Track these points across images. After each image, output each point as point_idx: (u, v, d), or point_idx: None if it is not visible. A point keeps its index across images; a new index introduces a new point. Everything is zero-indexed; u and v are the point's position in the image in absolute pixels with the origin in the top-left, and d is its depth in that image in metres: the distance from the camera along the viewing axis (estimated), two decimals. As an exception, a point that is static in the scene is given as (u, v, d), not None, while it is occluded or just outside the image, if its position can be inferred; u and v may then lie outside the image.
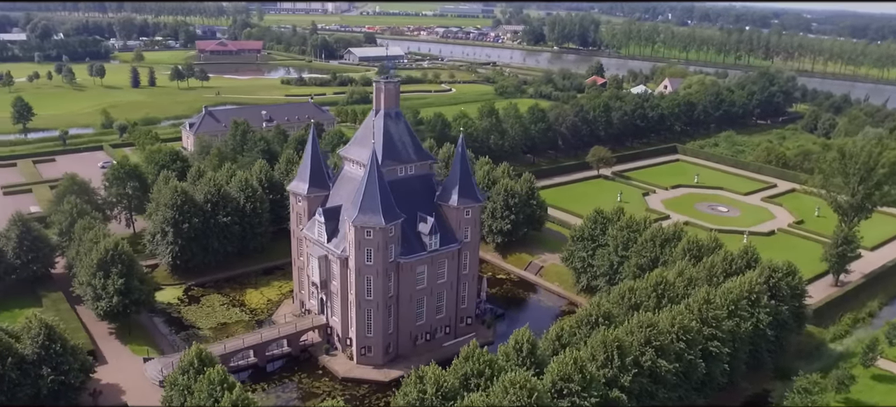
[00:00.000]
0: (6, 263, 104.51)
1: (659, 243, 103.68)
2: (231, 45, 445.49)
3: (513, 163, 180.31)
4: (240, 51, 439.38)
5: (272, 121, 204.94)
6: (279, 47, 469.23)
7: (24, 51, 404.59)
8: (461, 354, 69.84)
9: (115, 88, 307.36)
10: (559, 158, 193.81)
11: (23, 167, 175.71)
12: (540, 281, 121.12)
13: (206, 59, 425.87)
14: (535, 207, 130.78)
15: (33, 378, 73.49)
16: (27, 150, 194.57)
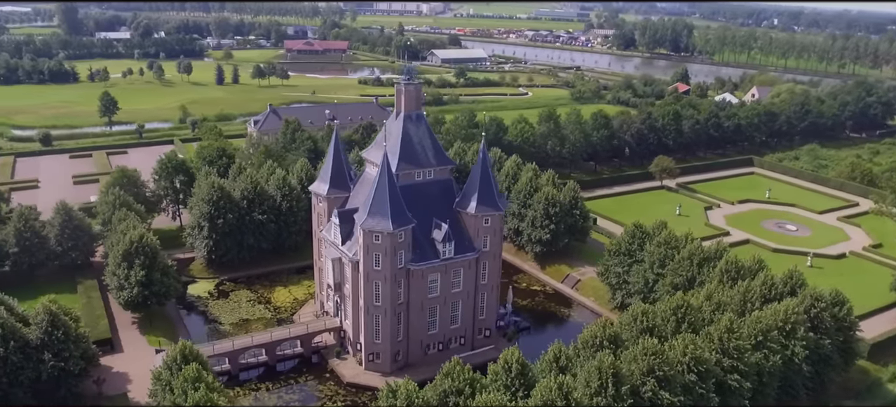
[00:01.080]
0: (48, 250, 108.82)
1: (697, 263, 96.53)
2: (317, 45, 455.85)
3: (573, 170, 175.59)
4: (326, 50, 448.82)
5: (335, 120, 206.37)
6: (364, 48, 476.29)
7: (126, 48, 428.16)
8: (443, 369, 66.45)
9: (201, 85, 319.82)
10: (623, 167, 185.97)
11: (97, 158, 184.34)
12: (575, 295, 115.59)
13: (292, 58, 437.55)
14: (579, 217, 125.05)
15: (35, 362, 75.34)
16: (105, 142, 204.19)
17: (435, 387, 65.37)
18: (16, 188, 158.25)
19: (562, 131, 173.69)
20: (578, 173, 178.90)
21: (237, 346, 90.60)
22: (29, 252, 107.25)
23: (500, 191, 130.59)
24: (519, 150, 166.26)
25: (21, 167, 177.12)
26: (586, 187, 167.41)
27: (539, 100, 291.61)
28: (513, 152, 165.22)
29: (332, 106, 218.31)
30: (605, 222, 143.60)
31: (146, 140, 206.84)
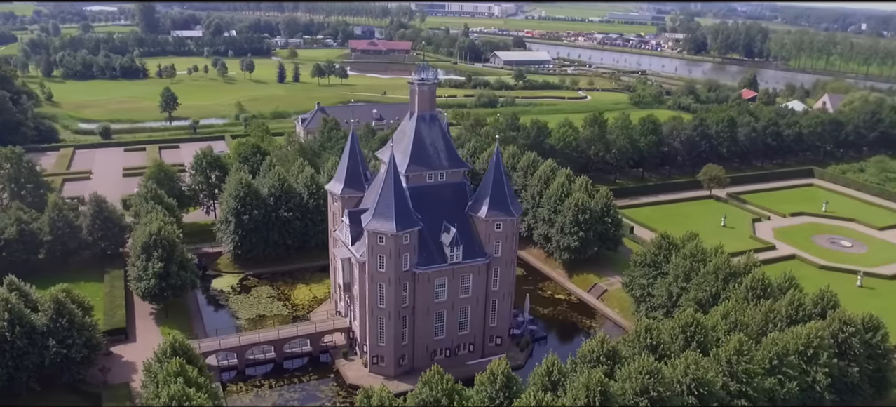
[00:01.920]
0: (79, 239, 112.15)
1: (722, 278, 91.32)
2: (381, 45, 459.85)
3: (619, 176, 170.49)
4: (389, 51, 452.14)
5: (383, 119, 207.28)
6: (429, 49, 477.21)
7: (197, 46, 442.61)
8: (423, 378, 64.44)
9: (262, 82, 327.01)
10: (672, 175, 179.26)
11: (149, 152, 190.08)
12: (600, 306, 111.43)
13: (356, 57, 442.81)
14: (610, 225, 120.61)
15: (40, 348, 77.26)
16: (161, 136, 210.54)
17: (415, 396, 63.48)
18: (69, 179, 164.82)
19: (607, 136, 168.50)
20: (624, 180, 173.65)
21: (243, 342, 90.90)
22: (61, 241, 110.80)
23: (532, 196, 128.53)
24: (561, 155, 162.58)
25: (78, 159, 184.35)
26: (630, 195, 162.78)
27: (597, 104, 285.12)
28: (555, 157, 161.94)
29: (379, 105, 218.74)
30: (643, 231, 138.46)
31: (199, 135, 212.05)
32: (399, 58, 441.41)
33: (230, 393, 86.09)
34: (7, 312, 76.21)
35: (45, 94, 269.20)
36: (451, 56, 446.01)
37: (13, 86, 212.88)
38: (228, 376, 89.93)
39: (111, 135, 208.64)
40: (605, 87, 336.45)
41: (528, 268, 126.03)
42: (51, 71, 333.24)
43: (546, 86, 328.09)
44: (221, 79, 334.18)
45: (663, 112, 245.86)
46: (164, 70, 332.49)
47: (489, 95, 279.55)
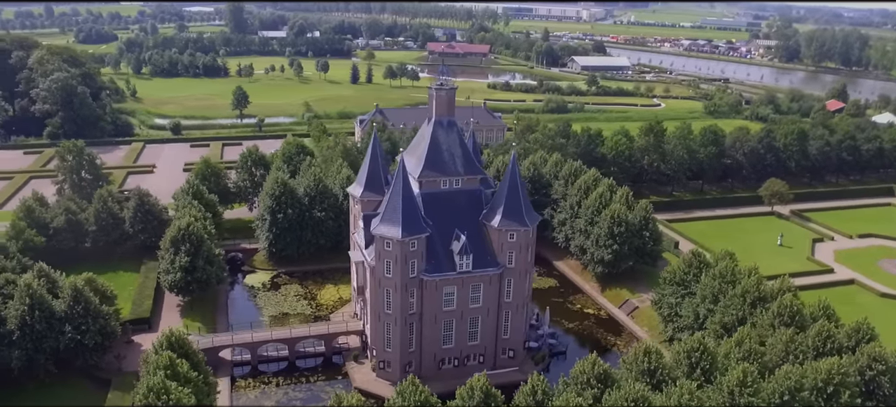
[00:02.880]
0: (122, 231, 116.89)
1: (749, 302, 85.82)
2: (459, 48, 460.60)
3: (676, 188, 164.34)
4: (466, 54, 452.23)
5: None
6: (507, 53, 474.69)
7: (280, 46, 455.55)
8: (397, 389, 63.27)
9: (336, 83, 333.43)
10: (734, 188, 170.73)
11: (213, 148, 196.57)
12: (629, 323, 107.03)
13: (433, 60, 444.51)
14: (648, 239, 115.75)
15: (57, 333, 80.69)
16: (228, 133, 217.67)
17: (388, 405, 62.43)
18: (134, 172, 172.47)
19: (664, 146, 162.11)
20: (681, 192, 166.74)
21: (256, 338, 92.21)
22: (105, 231, 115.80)
23: (571, 206, 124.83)
24: (613, 164, 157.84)
25: (147, 153, 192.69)
26: (684, 208, 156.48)
27: (670, 112, 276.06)
28: (606, 166, 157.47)
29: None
30: (690, 247, 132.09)
31: (264, 133, 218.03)
32: (476, 61, 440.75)
33: (238, 388, 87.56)
34: (28, 297, 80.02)
35: (130, 90, 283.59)
36: (528, 60, 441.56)
37: (95, 82, 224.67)
38: (242, 372, 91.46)
39: (181, 131, 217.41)
40: (683, 94, 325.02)
41: (563, 280, 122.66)
42: (140, 68, 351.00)
43: (620, 93, 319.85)
44: (297, 78, 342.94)
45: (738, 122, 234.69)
46: (244, 69, 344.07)
47: (558, 101, 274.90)
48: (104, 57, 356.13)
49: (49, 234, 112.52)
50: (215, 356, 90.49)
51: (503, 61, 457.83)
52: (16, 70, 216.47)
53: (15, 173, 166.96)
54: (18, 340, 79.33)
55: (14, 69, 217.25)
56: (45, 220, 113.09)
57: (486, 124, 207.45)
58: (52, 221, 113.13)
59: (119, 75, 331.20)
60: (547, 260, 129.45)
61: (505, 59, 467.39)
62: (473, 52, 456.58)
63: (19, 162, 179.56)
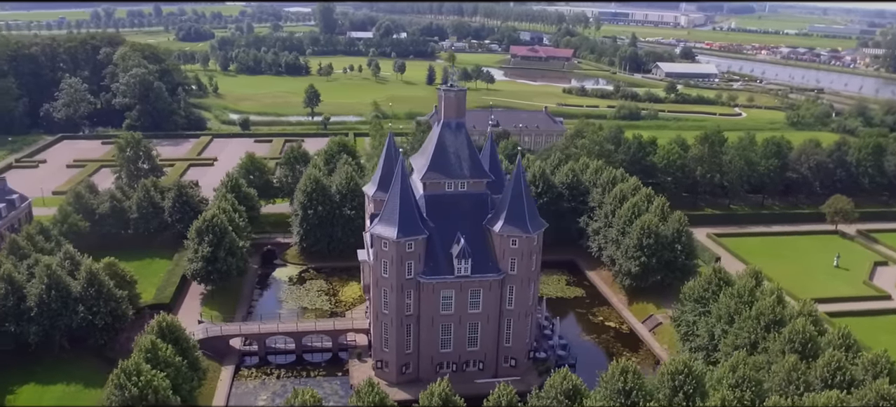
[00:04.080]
0: (161, 220, 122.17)
1: (763, 325, 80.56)
2: (541, 51, 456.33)
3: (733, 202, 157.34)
4: (549, 58, 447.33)
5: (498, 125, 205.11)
6: (591, 58, 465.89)
7: (365, 47, 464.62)
8: (356, 388, 63.04)
9: (411, 84, 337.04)
10: (800, 204, 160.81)
11: (275, 144, 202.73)
12: (649, 339, 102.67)
13: (515, 63, 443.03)
14: (680, 253, 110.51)
15: (70, 312, 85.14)
16: (292, 130, 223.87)
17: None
18: (195, 164, 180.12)
19: (721, 156, 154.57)
20: (739, 206, 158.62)
21: (262, 330, 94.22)
22: (146, 220, 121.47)
23: (606, 215, 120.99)
24: (664, 174, 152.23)
25: (213, 146, 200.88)
26: (739, 222, 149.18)
27: (749, 122, 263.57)
28: (656, 176, 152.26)
29: (498, 111, 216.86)
30: (735, 263, 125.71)
31: (329, 131, 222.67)
32: (558, 65, 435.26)
33: (241, 377, 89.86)
34: (47, 277, 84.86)
35: (212, 86, 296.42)
36: (611, 66, 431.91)
37: (172, 78, 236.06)
38: (251, 361, 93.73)
39: (249, 126, 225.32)
40: (768, 104, 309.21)
41: (592, 290, 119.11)
42: (227, 65, 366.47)
43: (699, 101, 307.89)
44: (374, 79, 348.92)
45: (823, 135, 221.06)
46: (324, 68, 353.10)
47: (630, 107, 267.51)
48: (194, 54, 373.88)
49: (95, 219, 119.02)
50: (224, 345, 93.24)
51: (586, 66, 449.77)
52: (103, 65, 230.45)
53: (88, 161, 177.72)
54: (36, 317, 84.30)
55: (102, 64, 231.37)
56: (92, 206, 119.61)
57: (545, 129, 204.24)
58: (98, 207, 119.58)
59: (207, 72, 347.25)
60: (580, 269, 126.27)
61: (588, 64, 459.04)
62: (556, 56, 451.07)
63: (96, 151, 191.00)
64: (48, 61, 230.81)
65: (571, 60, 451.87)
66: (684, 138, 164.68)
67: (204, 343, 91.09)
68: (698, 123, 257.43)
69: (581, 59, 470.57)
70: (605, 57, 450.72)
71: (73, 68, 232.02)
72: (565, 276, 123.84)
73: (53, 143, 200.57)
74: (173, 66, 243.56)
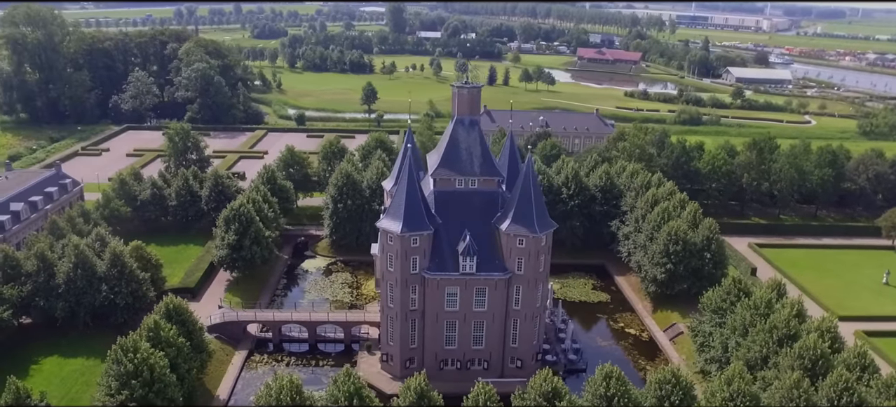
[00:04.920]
0: (198, 208, 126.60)
1: (776, 339, 77.29)
2: (608, 54, 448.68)
3: (783, 212, 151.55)
4: (616, 61, 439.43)
5: (547, 127, 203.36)
6: (660, 61, 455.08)
7: (432, 46, 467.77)
8: (333, 377, 63.83)
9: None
10: (854, 217, 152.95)
11: (326, 139, 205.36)
12: (668, 348, 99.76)
13: (581, 65, 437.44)
14: (708, 262, 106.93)
15: (94, 291, 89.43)
16: (346, 126, 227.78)
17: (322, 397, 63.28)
18: (245, 156, 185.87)
19: (771, 164, 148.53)
20: (789, 216, 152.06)
21: (277, 318, 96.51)
22: (184, 207, 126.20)
23: (636, 220, 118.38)
24: (709, 181, 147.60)
25: (267, 140, 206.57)
26: (786, 233, 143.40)
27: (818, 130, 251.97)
28: (701, 183, 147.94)
29: (547, 113, 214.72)
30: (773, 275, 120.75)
31: (382, 128, 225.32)
32: (625, 68, 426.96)
33: (251, 362, 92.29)
34: (75, 256, 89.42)
35: (275, 82, 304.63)
36: (680, 70, 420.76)
37: (233, 74, 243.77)
38: (265, 348, 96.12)
39: (305, 121, 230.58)
40: (842, 112, 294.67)
41: (617, 296, 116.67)
42: (295, 62, 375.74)
43: (767, 107, 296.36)
44: (434, 78, 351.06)
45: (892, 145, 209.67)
46: (387, 67, 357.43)
47: (691, 112, 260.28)
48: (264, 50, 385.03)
49: (136, 205, 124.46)
50: (240, 330, 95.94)
51: (654, 70, 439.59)
52: (169, 60, 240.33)
53: (146, 151, 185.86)
54: (63, 293, 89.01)
55: (169, 59, 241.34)
56: (135, 192, 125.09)
57: (595, 132, 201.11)
58: (140, 194, 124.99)
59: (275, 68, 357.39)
60: (609, 274, 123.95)
61: (656, 67, 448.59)
62: (623, 59, 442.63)
63: (156, 141, 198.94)
64: (120, 55, 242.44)
65: (639, 64, 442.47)
66: (733, 144, 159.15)
67: (219, 327, 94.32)
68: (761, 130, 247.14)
69: (649, 63, 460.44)
70: (675, 61, 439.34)
71: (143, 63, 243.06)
72: (593, 280, 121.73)
73: (119, 132, 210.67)
74: (235, 61, 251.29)
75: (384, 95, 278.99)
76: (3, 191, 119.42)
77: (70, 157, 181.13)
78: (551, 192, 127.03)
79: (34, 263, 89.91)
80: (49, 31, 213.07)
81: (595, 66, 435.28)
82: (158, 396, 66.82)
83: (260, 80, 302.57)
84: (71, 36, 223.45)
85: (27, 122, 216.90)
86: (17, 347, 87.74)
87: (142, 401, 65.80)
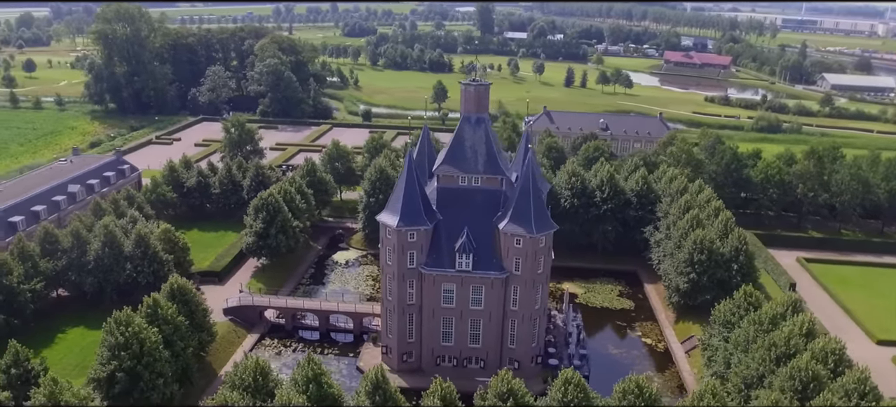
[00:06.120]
0: (239, 196, 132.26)
1: (774, 357, 73.49)
2: (696, 58, 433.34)
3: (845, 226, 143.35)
4: (704, 65, 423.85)
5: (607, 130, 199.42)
6: (752, 66, 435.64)
7: (517, 47, 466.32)
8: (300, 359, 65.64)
9: (548, 85, 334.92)
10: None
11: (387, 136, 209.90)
12: (681, 361, 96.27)
13: (668, 69, 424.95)
14: (736, 273, 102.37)
15: (120, 269, 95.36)
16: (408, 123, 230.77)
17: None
18: (304, 149, 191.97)
19: (831, 175, 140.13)
20: (852, 231, 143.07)
21: (290, 305, 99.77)
22: (226, 195, 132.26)
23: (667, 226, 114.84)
24: (762, 190, 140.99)
25: (330, 135, 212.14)
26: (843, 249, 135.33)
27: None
28: (754, 192, 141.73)
29: (610, 115, 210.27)
30: (817, 292, 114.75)
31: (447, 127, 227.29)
32: (713, 73, 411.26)
33: (261, 345, 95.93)
34: (104, 235, 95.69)
35: (353, 78, 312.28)
36: (772, 75, 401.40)
37: (306, 71, 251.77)
38: (277, 333, 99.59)
39: (371, 117, 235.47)
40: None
41: (642, 304, 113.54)
42: (377, 60, 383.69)
43: (858, 116, 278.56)
44: (512, 78, 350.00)
45: None
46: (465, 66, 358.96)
47: (769, 119, 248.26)
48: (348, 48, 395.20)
49: (183, 192, 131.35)
50: (255, 314, 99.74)
51: (744, 75, 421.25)
52: (246, 55, 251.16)
53: (213, 142, 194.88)
54: (93, 270, 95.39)
55: (246, 54, 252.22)
56: (182, 179, 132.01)
57: (657, 136, 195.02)
58: (186, 181, 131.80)
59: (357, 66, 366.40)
60: (639, 282, 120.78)
61: (746, 72, 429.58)
62: (711, 63, 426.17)
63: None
64: (203, 50, 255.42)
65: (728, 68, 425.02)
66: (793, 153, 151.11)
67: (235, 310, 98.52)
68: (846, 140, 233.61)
69: (740, 68, 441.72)
70: (767, 66, 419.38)
71: (224, 58, 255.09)
72: (621, 286, 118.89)
73: (193, 124, 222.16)
74: (308, 58, 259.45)
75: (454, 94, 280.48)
76: (65, 173, 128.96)
77: (144, 146, 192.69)
78: (585, 194, 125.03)
79: (69, 240, 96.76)
80: (136, 26, 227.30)
81: (682, 69, 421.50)
82: (147, 369, 70.71)
83: (338, 77, 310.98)
84: (156, 31, 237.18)
85: (114, 112, 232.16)
86: (50, 317, 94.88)
87: (130, 371, 69.88)
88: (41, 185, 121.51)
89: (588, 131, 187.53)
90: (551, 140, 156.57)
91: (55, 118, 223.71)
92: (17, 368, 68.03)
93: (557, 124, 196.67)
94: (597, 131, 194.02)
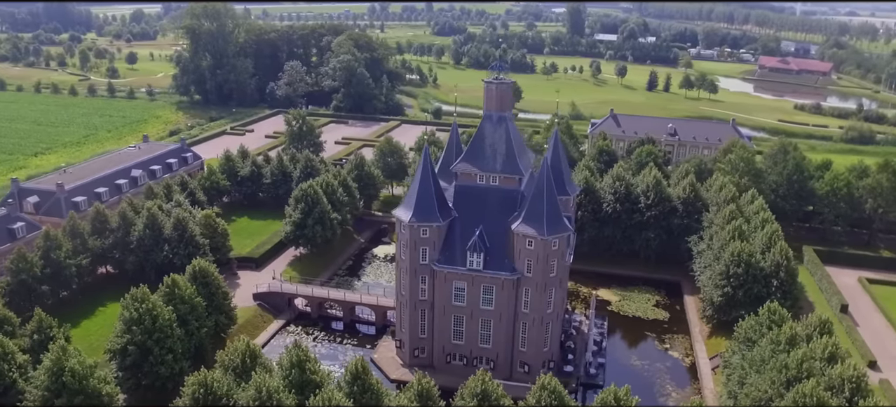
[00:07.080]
0: (288, 187, 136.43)
1: (784, 380, 69.67)
2: (793, 64, 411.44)
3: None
4: (801, 71, 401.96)
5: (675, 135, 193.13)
6: (856, 73, 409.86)
7: (607, 48, 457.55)
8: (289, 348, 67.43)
9: (629, 88, 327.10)
10: None
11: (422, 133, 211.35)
12: (707, 377, 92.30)
13: (762, 74, 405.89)
14: (776, 289, 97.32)
15: (158, 250, 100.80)
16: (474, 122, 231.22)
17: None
18: (368, 144, 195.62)
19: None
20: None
21: (316, 294, 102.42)
22: (276, 186, 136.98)
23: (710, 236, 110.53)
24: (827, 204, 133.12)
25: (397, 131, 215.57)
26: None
27: None
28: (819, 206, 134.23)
29: (676, 121, 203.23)
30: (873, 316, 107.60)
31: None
32: (810, 80, 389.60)
33: (284, 331, 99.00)
34: (147, 217, 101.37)
35: (431, 76, 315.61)
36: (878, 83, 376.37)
37: (381, 67, 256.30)
38: (302, 321, 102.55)
39: (440, 115, 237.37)
40: None
41: (678, 316, 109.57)
42: (460, 59, 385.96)
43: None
44: (593, 80, 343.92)
45: None
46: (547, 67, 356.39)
47: (860, 129, 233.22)
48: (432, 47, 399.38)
49: (237, 180, 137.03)
50: (283, 301, 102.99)
51: (847, 82, 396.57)
52: (324, 51, 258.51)
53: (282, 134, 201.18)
54: (135, 250, 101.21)
55: (324, 50, 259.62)
56: (237, 169, 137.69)
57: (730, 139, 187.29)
58: (240, 170, 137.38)
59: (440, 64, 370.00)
60: (680, 292, 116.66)
61: (849, 80, 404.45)
62: (810, 70, 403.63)
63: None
64: (284, 46, 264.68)
65: (828, 75, 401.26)
66: (867, 165, 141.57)
67: (264, 296, 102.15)
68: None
69: (842, 75, 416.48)
70: (873, 73, 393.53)
71: (304, 54, 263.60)
72: (659, 296, 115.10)
73: (269, 116, 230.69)
74: (383, 55, 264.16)
75: (531, 95, 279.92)
76: (131, 159, 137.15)
77: (218, 136, 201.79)
78: (629, 200, 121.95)
79: (117, 221, 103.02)
80: (221, 22, 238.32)
81: (776, 75, 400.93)
82: (157, 344, 74.58)
83: (418, 74, 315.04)
84: (240, 27, 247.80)
85: (198, 103, 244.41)
86: (94, 293, 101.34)
87: (140, 345, 73.92)
88: (107, 168, 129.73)
89: (653, 136, 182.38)
90: (604, 143, 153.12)
91: (144, 108, 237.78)
92: (40, 335, 73.19)
93: (624, 128, 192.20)
94: (664, 136, 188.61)
